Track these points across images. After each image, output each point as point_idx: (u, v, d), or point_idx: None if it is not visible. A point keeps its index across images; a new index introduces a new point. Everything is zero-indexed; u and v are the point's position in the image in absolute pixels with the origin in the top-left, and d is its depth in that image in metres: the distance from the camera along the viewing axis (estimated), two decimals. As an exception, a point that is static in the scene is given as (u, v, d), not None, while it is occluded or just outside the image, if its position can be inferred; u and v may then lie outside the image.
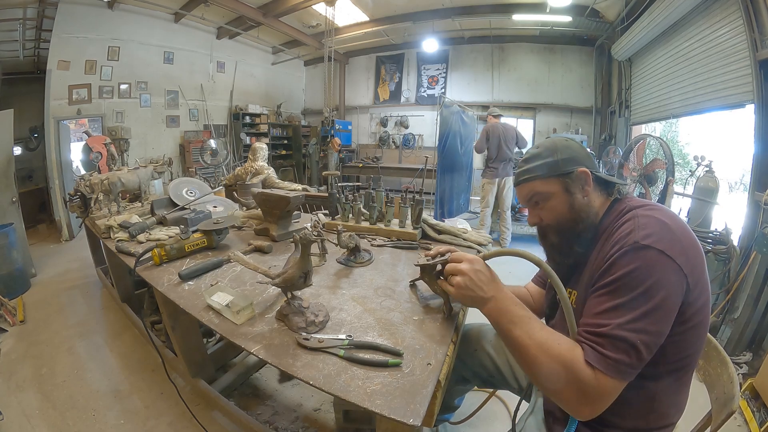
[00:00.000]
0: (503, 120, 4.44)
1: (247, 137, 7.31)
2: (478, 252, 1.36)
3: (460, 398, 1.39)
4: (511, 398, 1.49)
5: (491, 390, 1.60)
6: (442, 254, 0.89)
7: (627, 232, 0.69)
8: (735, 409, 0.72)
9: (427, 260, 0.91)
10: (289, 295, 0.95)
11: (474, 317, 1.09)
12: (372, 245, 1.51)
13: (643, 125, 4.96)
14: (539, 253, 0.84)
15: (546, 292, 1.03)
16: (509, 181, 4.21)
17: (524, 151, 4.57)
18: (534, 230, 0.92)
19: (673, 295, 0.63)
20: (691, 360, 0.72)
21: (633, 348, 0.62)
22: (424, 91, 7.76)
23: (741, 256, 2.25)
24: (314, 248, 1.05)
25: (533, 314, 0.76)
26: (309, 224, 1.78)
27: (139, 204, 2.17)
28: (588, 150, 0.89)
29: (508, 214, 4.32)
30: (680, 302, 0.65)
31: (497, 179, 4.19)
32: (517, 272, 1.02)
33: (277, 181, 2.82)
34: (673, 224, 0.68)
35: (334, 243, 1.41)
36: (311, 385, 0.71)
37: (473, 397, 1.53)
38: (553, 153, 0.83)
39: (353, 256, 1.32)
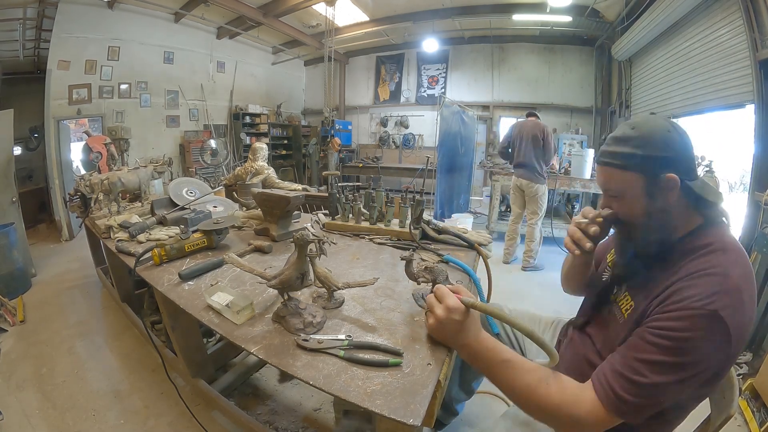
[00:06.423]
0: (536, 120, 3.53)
1: (247, 137, 7.30)
2: (479, 251, 1.36)
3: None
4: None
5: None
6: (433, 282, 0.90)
7: (711, 290, 0.62)
8: (733, 414, 0.73)
9: (419, 276, 0.95)
10: (286, 297, 0.94)
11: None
12: (374, 242, 1.51)
13: (643, 125, 4.96)
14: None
15: (592, 286, 0.97)
16: (538, 187, 3.38)
17: (547, 167, 3.52)
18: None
19: (712, 371, 0.64)
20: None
21: (654, 405, 0.64)
22: (424, 91, 7.76)
23: (741, 256, 2.24)
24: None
25: (513, 357, 0.74)
26: (309, 224, 1.79)
27: (139, 204, 2.17)
28: (693, 153, 0.73)
29: (538, 225, 3.40)
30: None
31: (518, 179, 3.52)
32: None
33: (277, 181, 2.82)
34: (750, 296, 0.65)
35: (334, 243, 1.41)
36: (311, 385, 0.71)
37: (474, 400, 1.53)
38: (646, 146, 0.70)
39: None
